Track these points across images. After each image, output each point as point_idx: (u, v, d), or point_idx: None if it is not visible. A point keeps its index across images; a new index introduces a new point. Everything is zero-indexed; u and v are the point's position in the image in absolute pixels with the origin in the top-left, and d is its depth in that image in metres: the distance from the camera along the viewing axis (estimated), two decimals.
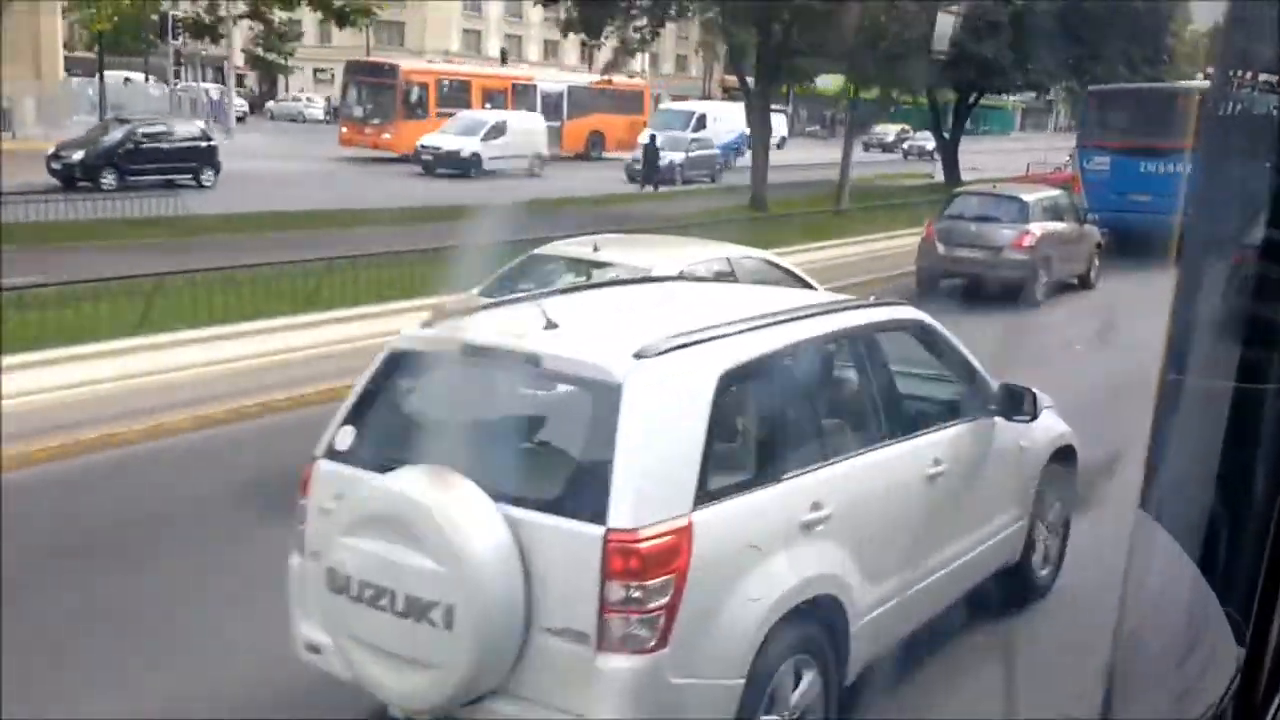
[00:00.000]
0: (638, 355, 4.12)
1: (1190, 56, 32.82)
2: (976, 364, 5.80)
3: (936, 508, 5.22)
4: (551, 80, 45.79)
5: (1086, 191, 22.01)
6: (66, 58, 41.32)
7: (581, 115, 41.82)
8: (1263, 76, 1.64)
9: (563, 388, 4.45)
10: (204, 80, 54.99)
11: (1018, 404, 5.67)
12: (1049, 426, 6.28)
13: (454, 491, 3.95)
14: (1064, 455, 6.44)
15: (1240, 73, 1.67)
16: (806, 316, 5.14)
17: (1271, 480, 1.56)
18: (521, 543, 3.89)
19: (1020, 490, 6.06)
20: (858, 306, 5.83)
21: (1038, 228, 17.03)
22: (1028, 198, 17.48)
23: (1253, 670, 1.53)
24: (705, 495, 4.05)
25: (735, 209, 20.00)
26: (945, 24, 21.65)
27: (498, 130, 33.60)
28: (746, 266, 9.53)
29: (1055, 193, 18.59)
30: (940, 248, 17.37)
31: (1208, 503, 1.67)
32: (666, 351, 4.19)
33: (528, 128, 34.46)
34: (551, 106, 41.71)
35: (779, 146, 44.44)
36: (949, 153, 30.28)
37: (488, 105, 39.18)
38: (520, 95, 42.71)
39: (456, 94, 40.02)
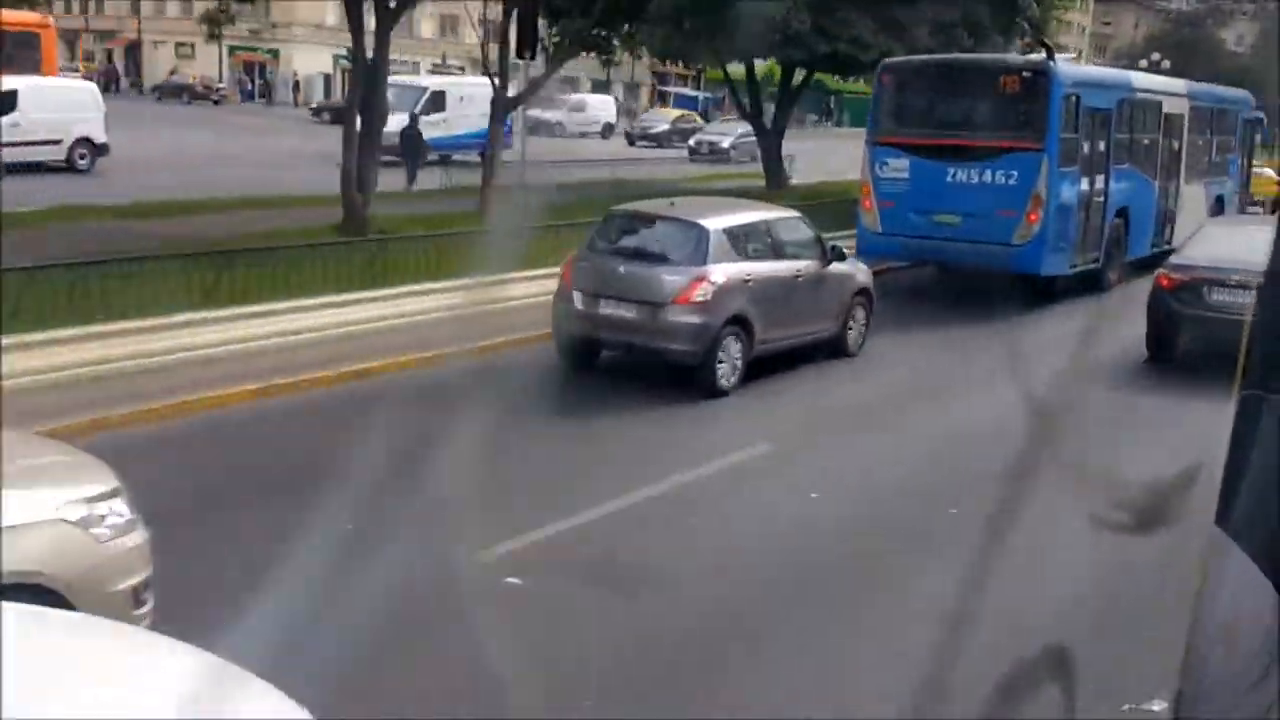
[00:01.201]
0: None
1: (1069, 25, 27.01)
2: None
3: None
4: None
5: (879, 209, 16.13)
6: None
7: None
8: None
9: None
10: None
11: None
12: None
13: None
14: None
15: None
16: None
17: None
18: None
19: None
20: None
21: (723, 271, 11.08)
22: (711, 222, 11.45)
23: None
24: None
25: (313, 230, 13.97)
26: None
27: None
28: None
29: (777, 214, 12.62)
30: (578, 300, 11.42)
31: None
32: None
33: (60, 100, 23.81)
34: None
35: (604, 136, 38.27)
36: (770, 149, 24.20)
37: None
38: None
39: None
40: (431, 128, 24.84)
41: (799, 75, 24.91)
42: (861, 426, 10.16)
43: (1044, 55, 15.05)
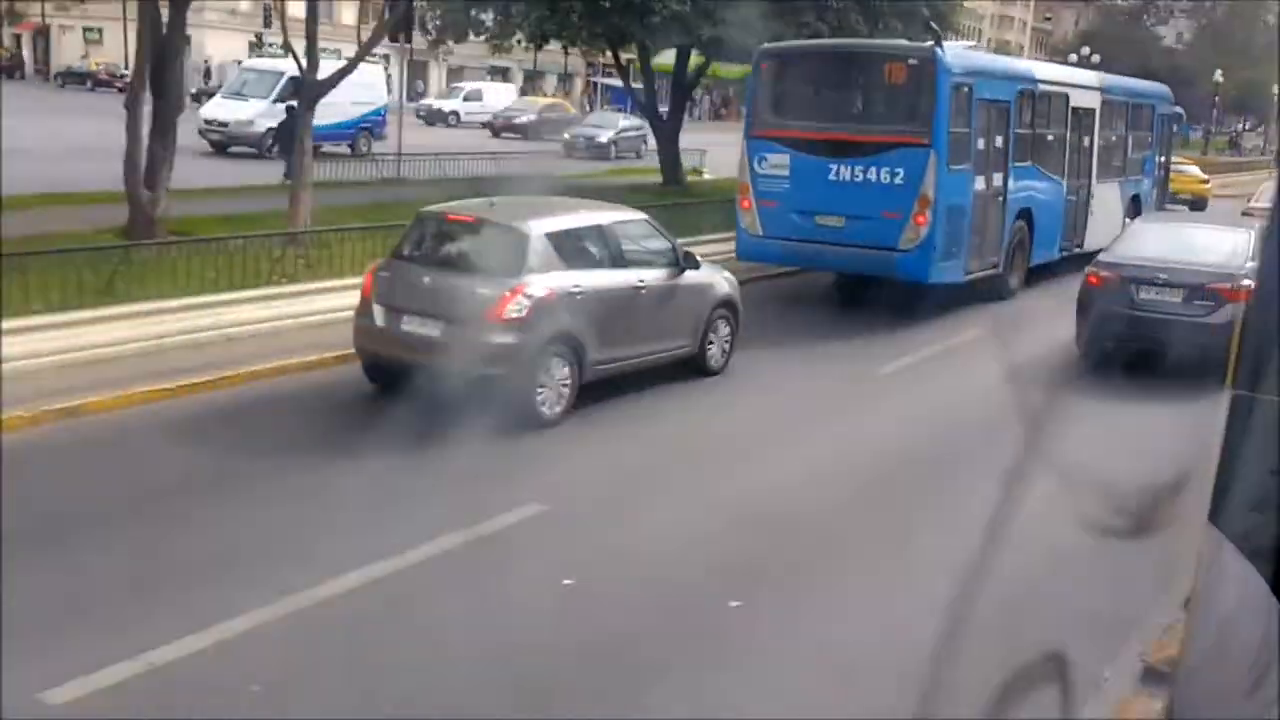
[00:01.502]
0: None
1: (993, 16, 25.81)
2: None
3: None
4: None
5: (758, 209, 14.67)
6: None
7: None
8: None
9: None
10: None
11: None
12: None
13: None
14: None
15: None
16: None
17: None
18: None
19: None
20: None
21: (544, 281, 9.57)
22: (532, 225, 9.91)
23: None
24: None
25: (89, 233, 12.21)
26: None
27: None
28: None
29: (619, 217, 11.10)
30: (379, 316, 9.89)
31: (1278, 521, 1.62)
32: None
33: None
34: None
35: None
36: (666, 144, 22.66)
37: None
38: None
39: None
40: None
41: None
42: (685, 468, 8.65)
43: (931, 41, 13.60)
